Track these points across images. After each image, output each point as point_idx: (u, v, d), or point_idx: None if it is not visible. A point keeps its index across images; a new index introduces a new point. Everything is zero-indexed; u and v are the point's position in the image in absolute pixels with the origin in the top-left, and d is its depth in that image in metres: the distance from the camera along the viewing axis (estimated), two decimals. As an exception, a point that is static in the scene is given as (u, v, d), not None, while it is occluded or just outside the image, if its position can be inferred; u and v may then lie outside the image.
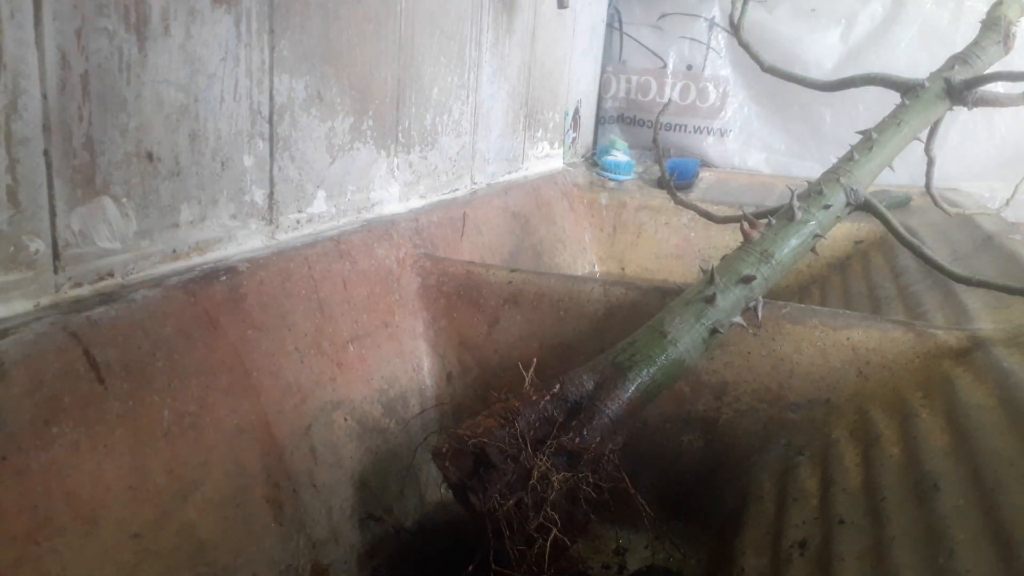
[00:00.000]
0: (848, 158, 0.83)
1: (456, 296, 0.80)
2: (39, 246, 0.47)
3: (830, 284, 1.23)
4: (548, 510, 0.53)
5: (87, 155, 0.49)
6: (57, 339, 0.44)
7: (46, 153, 0.46)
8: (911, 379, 0.63)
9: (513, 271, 0.78)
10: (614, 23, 1.83)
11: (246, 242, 0.66)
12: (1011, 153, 1.64)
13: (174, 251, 0.59)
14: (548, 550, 0.52)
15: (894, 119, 0.88)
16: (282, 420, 0.60)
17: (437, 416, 0.81)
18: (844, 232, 1.28)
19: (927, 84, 0.90)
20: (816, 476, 0.62)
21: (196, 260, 0.61)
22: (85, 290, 0.51)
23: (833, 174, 0.81)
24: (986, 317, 0.70)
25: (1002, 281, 0.70)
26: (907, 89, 0.92)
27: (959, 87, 0.89)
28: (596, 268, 1.45)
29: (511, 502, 0.52)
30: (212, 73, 0.59)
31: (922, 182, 1.05)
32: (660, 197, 1.43)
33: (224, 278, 0.58)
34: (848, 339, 0.66)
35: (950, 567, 0.42)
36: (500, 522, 0.52)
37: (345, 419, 0.68)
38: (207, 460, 0.52)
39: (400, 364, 0.77)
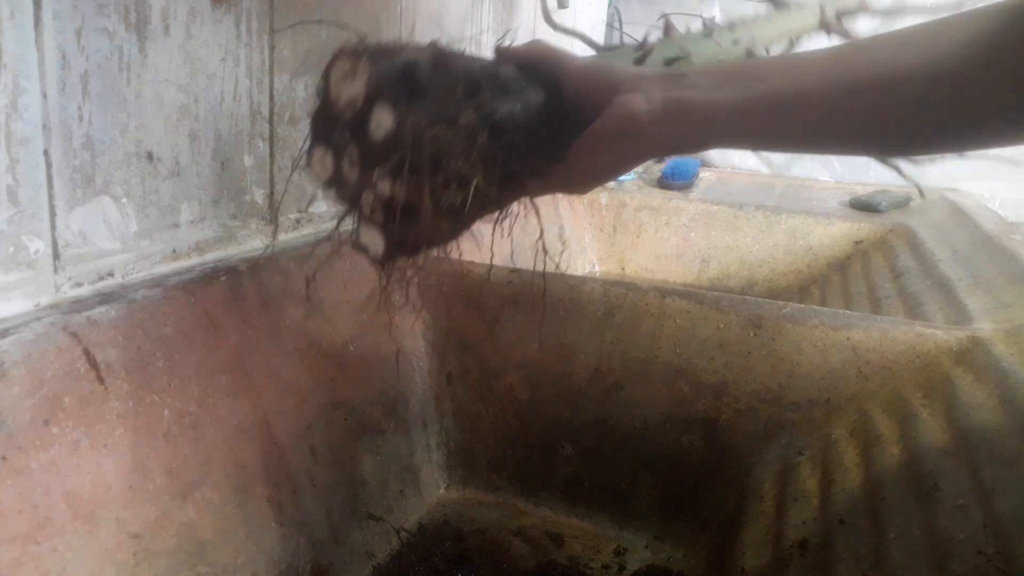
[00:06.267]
0: (751, 18, 1.01)
1: (456, 296, 0.80)
2: (39, 246, 0.47)
3: (830, 284, 1.23)
4: (473, 158, 0.43)
5: (87, 155, 0.49)
6: (57, 339, 0.44)
7: (46, 153, 0.46)
8: (911, 379, 0.63)
9: (513, 271, 0.78)
10: (614, 23, 1.82)
11: (246, 242, 0.66)
12: (1011, 153, 1.64)
13: (174, 251, 0.59)
14: (470, 194, 0.43)
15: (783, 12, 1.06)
16: (282, 420, 0.60)
17: (437, 416, 0.81)
18: (844, 232, 1.28)
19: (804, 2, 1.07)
20: (816, 476, 0.62)
21: (196, 260, 0.61)
22: (85, 290, 0.51)
23: (743, 23, 0.98)
24: (986, 317, 0.70)
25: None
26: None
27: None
28: (596, 268, 1.45)
29: (441, 128, 0.42)
30: (212, 73, 0.59)
31: (922, 182, 1.05)
32: (660, 197, 1.43)
33: (224, 278, 0.58)
34: (848, 339, 0.66)
35: (950, 567, 0.42)
36: (423, 148, 0.42)
37: (345, 419, 0.68)
38: (207, 460, 0.52)
39: (400, 364, 0.77)
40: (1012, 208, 1.59)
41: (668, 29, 0.90)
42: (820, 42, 1.17)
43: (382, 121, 0.42)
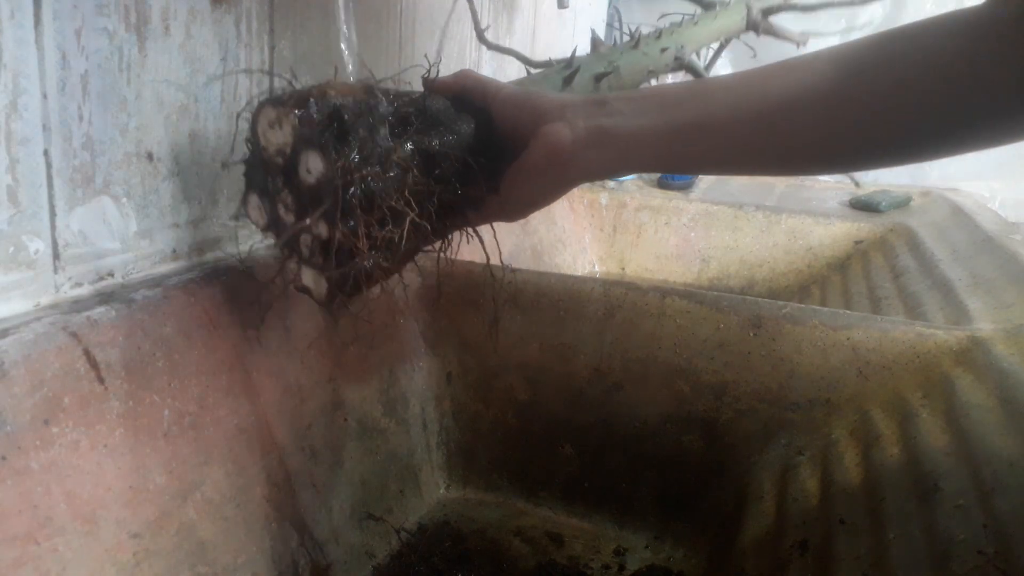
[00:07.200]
0: (678, 23, 1.08)
1: (456, 296, 0.80)
2: (39, 246, 0.47)
3: (830, 284, 1.23)
4: (406, 195, 0.44)
5: (87, 155, 0.49)
6: (57, 339, 0.44)
7: (46, 153, 0.46)
8: (911, 379, 0.63)
9: (513, 271, 0.78)
10: (614, 23, 1.82)
11: (246, 242, 0.66)
12: (1011, 153, 1.64)
13: (174, 251, 0.59)
14: (406, 231, 0.44)
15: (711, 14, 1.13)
16: (282, 420, 0.60)
17: (437, 416, 0.81)
18: (844, 232, 1.28)
19: (731, 3, 1.14)
20: (816, 476, 0.62)
21: (196, 260, 0.61)
22: (85, 290, 0.51)
23: (668, 31, 1.04)
24: (986, 317, 0.70)
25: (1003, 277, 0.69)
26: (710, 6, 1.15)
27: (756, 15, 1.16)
28: (596, 268, 1.45)
29: (371, 169, 0.42)
30: (212, 73, 0.59)
31: (922, 182, 1.05)
32: (660, 197, 1.43)
33: (224, 278, 0.58)
34: (848, 339, 0.66)
35: (950, 567, 0.42)
36: (354, 188, 0.42)
37: (345, 419, 0.68)
38: (207, 460, 0.52)
39: (400, 364, 0.77)
40: (1012, 208, 1.59)
41: (596, 44, 0.95)
42: (748, 40, 1.23)
43: (312, 166, 0.43)
